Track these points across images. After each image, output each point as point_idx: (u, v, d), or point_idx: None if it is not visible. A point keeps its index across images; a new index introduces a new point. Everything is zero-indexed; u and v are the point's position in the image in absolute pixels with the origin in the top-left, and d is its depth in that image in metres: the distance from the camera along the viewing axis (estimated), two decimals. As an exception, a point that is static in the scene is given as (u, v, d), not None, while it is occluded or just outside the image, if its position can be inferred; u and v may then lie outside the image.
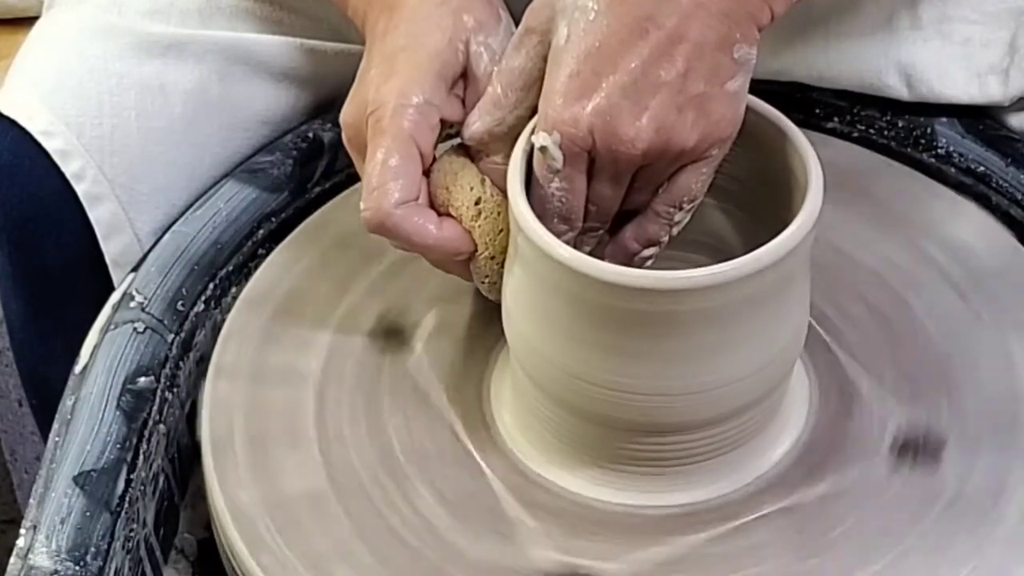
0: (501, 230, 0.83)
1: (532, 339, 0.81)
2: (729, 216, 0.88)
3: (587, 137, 0.79)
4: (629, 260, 0.84)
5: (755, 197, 0.86)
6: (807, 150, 0.81)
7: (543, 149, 0.79)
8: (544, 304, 0.80)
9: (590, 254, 0.84)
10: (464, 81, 0.85)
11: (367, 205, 0.82)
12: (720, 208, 0.88)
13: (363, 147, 0.84)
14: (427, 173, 0.84)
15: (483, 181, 0.84)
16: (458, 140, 0.86)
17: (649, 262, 0.85)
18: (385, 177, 0.82)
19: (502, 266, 0.84)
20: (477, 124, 0.84)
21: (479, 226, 0.84)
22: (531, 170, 0.82)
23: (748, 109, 0.82)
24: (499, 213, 0.84)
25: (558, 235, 0.80)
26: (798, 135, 0.82)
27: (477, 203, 0.84)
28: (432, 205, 0.85)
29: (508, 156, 0.83)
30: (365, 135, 0.84)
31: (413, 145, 0.83)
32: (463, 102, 0.85)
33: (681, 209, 0.83)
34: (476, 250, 0.84)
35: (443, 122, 0.84)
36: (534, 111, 0.82)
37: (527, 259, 0.79)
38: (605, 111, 0.78)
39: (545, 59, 0.81)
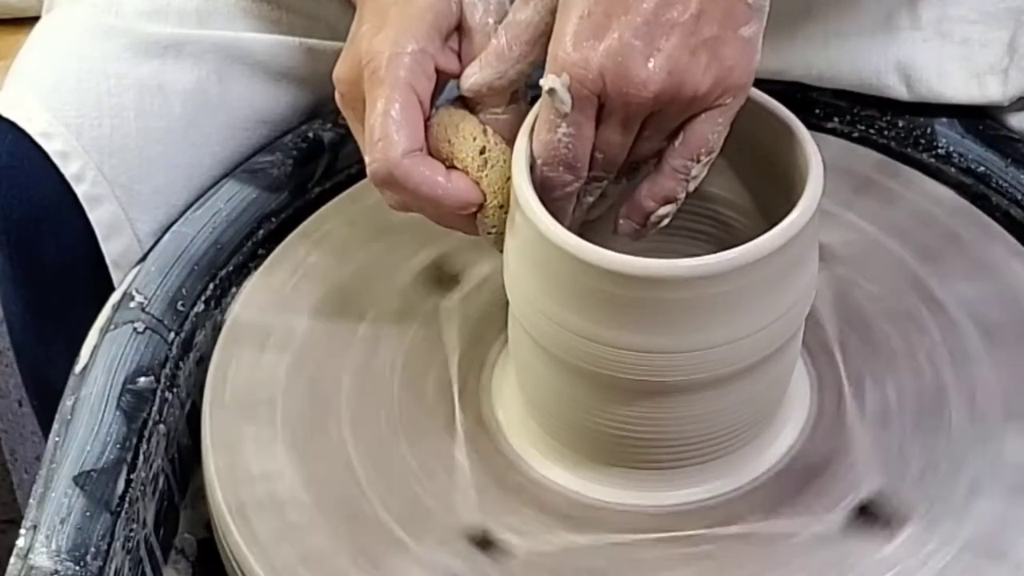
0: (508, 178, 0.82)
1: (531, 295, 0.81)
2: (734, 207, 0.88)
3: (597, 79, 0.77)
4: (645, 219, 0.83)
5: (759, 187, 0.86)
6: (807, 139, 0.80)
7: (551, 92, 0.77)
8: (543, 277, 0.79)
9: (602, 217, 0.84)
10: (459, 35, 0.84)
11: (373, 157, 0.81)
12: (725, 198, 0.88)
13: (357, 103, 0.83)
14: (425, 127, 0.83)
15: (485, 131, 0.83)
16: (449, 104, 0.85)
17: (666, 221, 0.83)
18: (388, 127, 0.80)
19: None
20: (477, 76, 0.83)
21: (486, 175, 0.82)
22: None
23: (749, 100, 0.81)
24: (505, 161, 0.82)
25: (563, 186, 0.80)
26: (798, 125, 0.81)
27: (482, 152, 0.82)
28: None
29: (508, 107, 0.83)
30: (360, 90, 0.83)
31: (412, 93, 0.81)
32: (459, 56, 0.84)
33: (698, 162, 0.80)
34: (485, 201, 0.82)
35: (439, 73, 0.83)
36: (536, 65, 0.81)
37: (527, 239, 0.79)
38: (616, 52, 0.76)
39: (553, 13, 0.79)
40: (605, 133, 0.79)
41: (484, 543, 0.82)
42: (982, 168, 1.01)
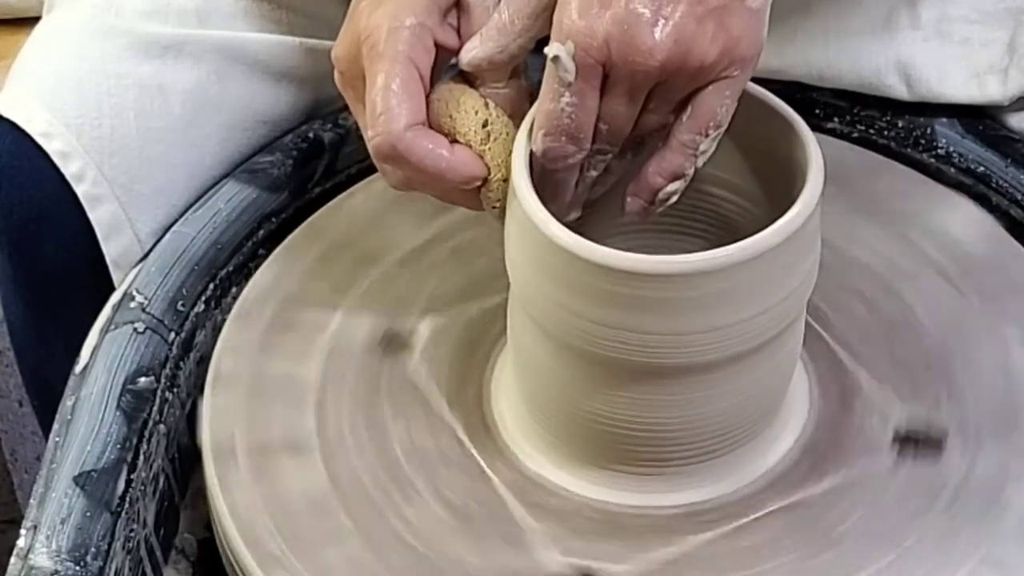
0: (511, 151, 0.81)
1: (528, 278, 0.80)
2: (733, 200, 0.88)
3: (603, 47, 0.76)
4: (652, 196, 0.81)
5: (759, 181, 0.85)
6: (807, 135, 0.80)
7: (555, 60, 0.76)
8: (542, 271, 0.79)
9: (607, 196, 0.83)
10: (458, 11, 0.83)
11: (375, 131, 0.80)
12: (723, 192, 0.88)
13: (357, 80, 0.83)
14: (426, 103, 0.82)
15: (487, 104, 0.82)
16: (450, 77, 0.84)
17: (674, 198, 0.81)
18: (389, 101, 0.80)
19: None
20: (477, 50, 0.82)
21: (490, 149, 0.81)
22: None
23: (751, 96, 0.81)
24: (508, 134, 0.82)
25: (564, 157, 0.79)
26: (798, 120, 0.81)
27: (485, 126, 0.81)
28: None
29: (509, 82, 0.82)
30: (359, 67, 0.82)
31: (412, 66, 0.81)
32: (458, 32, 0.83)
33: (707, 136, 0.79)
34: (489, 174, 0.82)
35: (438, 48, 0.82)
36: (537, 40, 0.80)
37: (525, 233, 0.79)
38: (623, 20, 0.75)
39: None
40: (610, 103, 0.78)
41: None
42: (982, 168, 1.01)
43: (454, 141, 0.82)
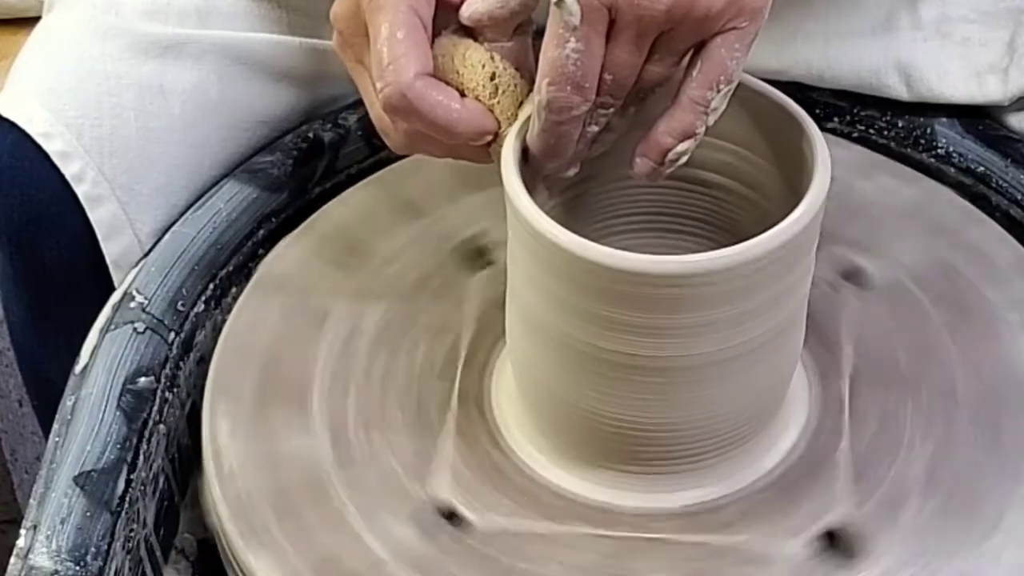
0: (521, 103, 0.81)
1: (529, 279, 0.80)
2: (737, 202, 0.88)
3: None
4: (662, 157, 0.80)
5: (764, 181, 0.85)
6: (814, 133, 0.80)
7: (560, 4, 0.75)
8: (540, 268, 0.79)
9: (617, 153, 0.82)
10: None
11: (384, 81, 0.79)
12: (727, 194, 0.88)
13: (357, 38, 0.82)
14: None
15: (493, 57, 0.81)
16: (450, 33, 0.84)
17: (684, 159, 0.80)
18: (396, 51, 0.79)
19: None
20: (479, 4, 0.81)
21: (499, 102, 0.81)
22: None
23: (756, 93, 0.81)
24: (516, 85, 0.81)
25: (569, 108, 0.77)
26: (805, 119, 0.81)
27: (492, 79, 0.81)
28: None
29: (510, 37, 0.81)
30: (359, 23, 0.81)
31: (415, 15, 0.80)
32: None
33: (717, 92, 0.77)
34: (499, 128, 0.81)
35: (438, 1, 0.81)
36: None
37: (523, 235, 0.78)
38: None
39: None
40: (615, 51, 0.77)
41: None
42: (982, 168, 1.01)
43: (461, 96, 0.81)
